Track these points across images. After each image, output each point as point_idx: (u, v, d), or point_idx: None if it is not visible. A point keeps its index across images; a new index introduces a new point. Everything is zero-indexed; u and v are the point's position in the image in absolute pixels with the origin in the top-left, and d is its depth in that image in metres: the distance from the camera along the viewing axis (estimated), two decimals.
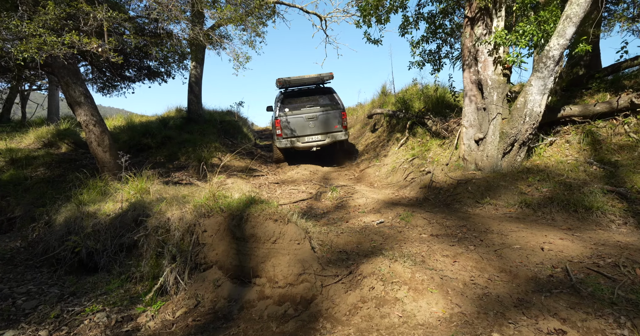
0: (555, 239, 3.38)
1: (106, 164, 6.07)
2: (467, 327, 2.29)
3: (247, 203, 3.52)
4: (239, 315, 2.84)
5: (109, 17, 4.57)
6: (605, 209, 3.87)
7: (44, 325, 2.97)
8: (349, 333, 2.40)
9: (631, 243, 3.20)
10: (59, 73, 5.58)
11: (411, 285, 2.71)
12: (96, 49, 4.52)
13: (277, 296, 2.90)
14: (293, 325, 2.58)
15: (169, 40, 6.95)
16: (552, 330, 2.18)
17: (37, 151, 8.98)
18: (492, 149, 5.18)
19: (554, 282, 2.69)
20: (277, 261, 3.09)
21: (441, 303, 2.53)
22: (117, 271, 3.85)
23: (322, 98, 8.67)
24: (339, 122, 8.40)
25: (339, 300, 2.72)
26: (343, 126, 8.41)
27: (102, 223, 4.21)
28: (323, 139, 8.42)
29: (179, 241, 3.54)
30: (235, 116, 14.21)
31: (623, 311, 2.29)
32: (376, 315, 2.50)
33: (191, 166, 8.09)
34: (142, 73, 10.16)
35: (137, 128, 10.18)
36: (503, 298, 2.56)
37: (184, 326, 2.82)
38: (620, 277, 2.62)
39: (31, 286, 3.77)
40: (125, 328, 2.89)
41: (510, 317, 2.35)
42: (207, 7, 6.37)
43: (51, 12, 4.13)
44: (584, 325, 2.21)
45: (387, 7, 6.33)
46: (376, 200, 5.43)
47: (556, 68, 4.58)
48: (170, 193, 4.59)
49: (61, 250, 4.20)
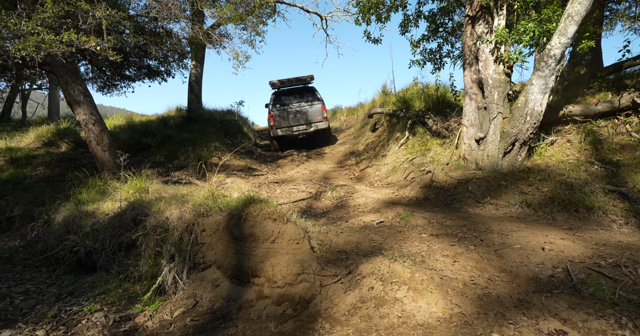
0: (556, 239, 3.35)
1: (105, 163, 6.06)
2: (467, 328, 2.27)
3: (246, 203, 3.50)
4: (237, 314, 2.82)
5: (107, 15, 4.55)
6: (606, 209, 3.84)
7: (41, 325, 2.95)
8: (347, 333, 2.38)
9: (633, 243, 3.17)
10: (58, 72, 5.56)
11: (411, 285, 2.69)
12: (95, 48, 4.50)
13: (276, 296, 2.88)
14: (292, 325, 2.56)
15: (168, 39, 6.94)
16: (552, 331, 2.16)
17: (37, 150, 8.97)
18: (493, 149, 5.15)
19: (554, 282, 2.67)
20: (276, 261, 3.08)
21: (441, 303, 2.51)
22: (115, 270, 3.83)
23: (306, 95, 10.71)
24: (320, 114, 10.42)
25: (338, 300, 2.70)
26: (324, 117, 10.47)
27: (100, 222, 4.19)
28: (308, 128, 10.45)
29: (178, 241, 3.52)
30: (236, 115, 14.20)
31: (624, 311, 2.26)
32: (375, 315, 2.48)
33: (191, 165, 8.07)
34: (142, 72, 10.14)
35: (137, 127, 10.17)
36: (503, 298, 2.54)
37: (182, 326, 2.81)
38: (621, 277, 2.60)
39: (29, 286, 3.76)
40: (123, 328, 2.87)
41: (511, 317, 2.32)
42: (207, 6, 6.35)
43: (49, 10, 4.11)
44: (584, 326, 2.19)
45: (387, 6, 6.30)
46: (376, 200, 5.41)
47: (557, 67, 4.55)
48: (170, 192, 4.57)
49: (60, 249, 4.19)
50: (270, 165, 9.13)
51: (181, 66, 10.63)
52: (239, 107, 15.10)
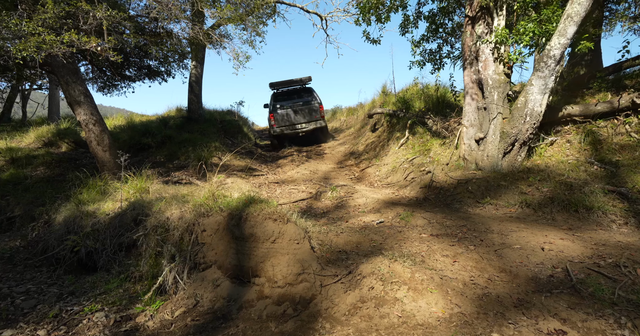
0: (556, 239, 3.36)
1: (106, 163, 6.07)
2: (467, 327, 2.28)
3: (247, 203, 3.51)
4: (237, 314, 2.83)
5: (108, 16, 4.56)
6: (606, 209, 3.85)
7: (42, 325, 2.96)
8: (348, 333, 2.39)
9: (632, 243, 3.18)
10: (58, 72, 5.57)
11: (411, 285, 2.70)
12: (95, 48, 4.51)
13: (276, 296, 2.89)
14: (292, 325, 2.57)
15: (168, 40, 6.94)
16: (552, 331, 2.17)
17: (37, 150, 8.98)
18: (493, 149, 5.16)
19: (554, 282, 2.68)
20: (276, 261, 3.08)
21: (441, 303, 2.52)
22: (116, 270, 3.84)
23: (304, 96, 11.17)
24: (318, 113, 10.90)
25: (339, 300, 2.71)
26: (321, 116, 10.94)
27: (101, 222, 4.20)
28: (307, 127, 10.89)
29: (178, 241, 3.53)
30: (236, 115, 14.20)
31: (624, 311, 2.27)
32: (375, 315, 2.49)
33: (191, 165, 8.08)
34: (142, 72, 10.14)
35: (137, 128, 10.17)
36: (503, 298, 2.55)
37: (182, 326, 2.82)
38: (621, 277, 2.61)
39: (30, 286, 3.77)
40: (124, 328, 2.88)
41: (510, 317, 2.33)
42: (207, 6, 6.36)
43: (50, 10, 4.12)
44: (584, 326, 2.19)
45: (387, 6, 6.31)
46: (376, 200, 5.41)
47: (557, 67, 4.56)
48: (170, 193, 4.58)
49: (60, 249, 4.19)
50: (271, 165, 9.14)
51: (181, 66, 10.64)
52: (239, 107, 15.12)
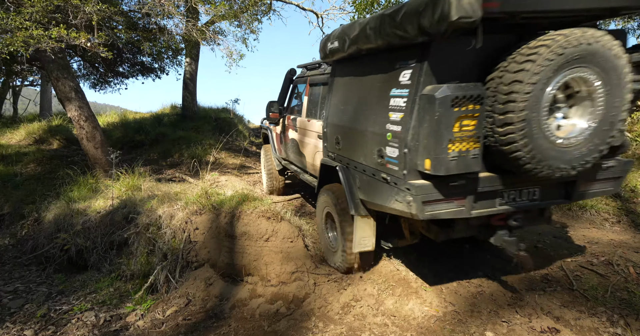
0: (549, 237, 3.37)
1: (97, 160, 5.97)
2: (461, 326, 2.27)
3: (240, 201, 3.47)
4: (230, 313, 2.79)
5: (98, 10, 4.46)
6: (598, 208, 3.88)
7: (29, 324, 2.90)
8: (341, 331, 2.37)
9: (624, 241, 3.20)
10: (48, 67, 5.46)
11: (405, 283, 2.69)
12: (85, 44, 4.42)
13: (270, 294, 2.86)
14: (285, 324, 2.54)
15: (162, 36, 6.84)
16: (545, 329, 2.16)
17: (27, 147, 8.83)
18: None
19: (547, 280, 2.68)
20: (269, 259, 3.05)
21: (435, 302, 2.51)
22: (107, 269, 3.78)
23: None
24: None
25: (332, 299, 2.68)
26: None
27: (92, 220, 4.13)
28: None
29: (170, 239, 3.48)
30: (231, 113, 14.08)
31: (616, 309, 2.28)
32: (369, 314, 2.47)
33: (185, 163, 8.00)
34: (136, 69, 10.01)
35: (130, 125, 10.05)
36: (497, 296, 2.55)
37: (174, 325, 2.77)
38: (613, 275, 2.62)
39: (18, 285, 3.70)
40: (113, 327, 2.83)
41: (504, 316, 2.33)
42: (201, 2, 6.27)
43: (38, 4, 4.02)
44: (577, 324, 2.19)
45: (382, 5, 6.28)
46: None
47: None
48: (163, 190, 4.51)
49: (50, 248, 4.12)
50: None
51: (175, 63, 10.51)
52: (234, 105, 14.97)
